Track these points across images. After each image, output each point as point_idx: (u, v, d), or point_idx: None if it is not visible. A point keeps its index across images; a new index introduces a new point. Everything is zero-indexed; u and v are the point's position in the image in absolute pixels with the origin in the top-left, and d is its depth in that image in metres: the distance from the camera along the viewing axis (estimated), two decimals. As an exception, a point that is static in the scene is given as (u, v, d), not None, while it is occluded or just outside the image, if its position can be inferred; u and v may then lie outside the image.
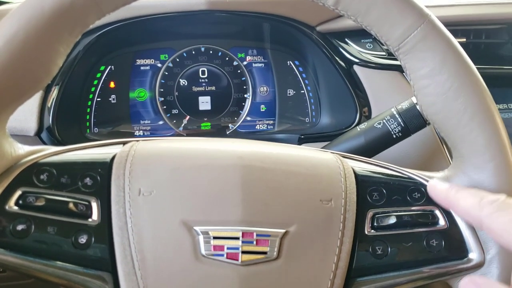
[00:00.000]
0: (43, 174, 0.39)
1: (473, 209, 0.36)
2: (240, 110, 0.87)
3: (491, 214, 0.35)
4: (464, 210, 0.38)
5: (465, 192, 0.38)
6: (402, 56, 0.41)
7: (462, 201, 0.38)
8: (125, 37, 0.81)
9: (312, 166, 0.42)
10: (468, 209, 0.37)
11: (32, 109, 0.72)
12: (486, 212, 0.35)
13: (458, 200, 0.38)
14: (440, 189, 0.41)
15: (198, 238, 0.37)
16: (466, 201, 0.37)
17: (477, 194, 0.37)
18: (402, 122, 0.60)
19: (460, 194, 0.38)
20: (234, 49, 0.86)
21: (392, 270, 0.40)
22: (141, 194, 0.38)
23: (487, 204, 0.35)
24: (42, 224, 0.37)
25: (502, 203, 0.35)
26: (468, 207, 0.37)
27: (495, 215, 0.34)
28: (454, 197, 0.39)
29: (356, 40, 0.80)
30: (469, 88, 0.40)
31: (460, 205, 0.38)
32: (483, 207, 0.36)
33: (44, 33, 0.36)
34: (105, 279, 0.37)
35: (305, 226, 0.39)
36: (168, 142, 0.43)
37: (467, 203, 0.37)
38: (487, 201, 0.36)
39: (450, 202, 0.39)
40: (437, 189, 0.41)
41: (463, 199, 0.38)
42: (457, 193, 0.39)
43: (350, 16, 0.41)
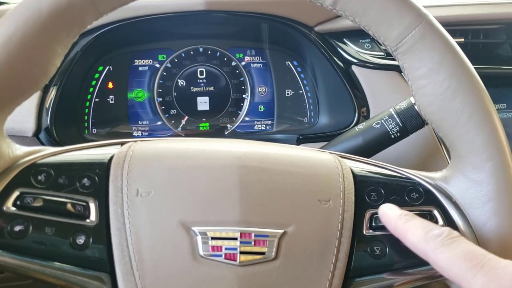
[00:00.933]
0: (41, 174, 0.39)
1: (419, 243, 0.36)
2: (239, 110, 0.87)
3: (435, 249, 0.35)
4: (411, 243, 0.37)
5: (413, 223, 0.38)
6: (400, 56, 0.41)
7: (409, 234, 0.37)
8: (123, 38, 0.81)
9: (310, 167, 0.42)
10: (415, 242, 0.37)
11: (30, 110, 0.72)
12: (431, 247, 0.35)
13: (406, 232, 0.38)
14: (390, 217, 0.39)
15: (196, 238, 0.37)
16: (413, 234, 0.37)
17: (424, 226, 0.37)
18: (400, 122, 0.60)
19: (408, 225, 0.38)
20: (233, 49, 0.86)
21: (390, 270, 0.40)
22: (139, 194, 0.38)
23: (432, 238, 0.36)
24: (40, 225, 0.37)
25: (445, 238, 0.35)
26: (415, 240, 0.37)
27: (439, 251, 0.35)
28: (402, 227, 0.38)
29: (354, 40, 0.80)
30: (467, 88, 0.40)
31: (408, 237, 0.38)
32: (428, 241, 0.36)
33: (42, 33, 0.36)
34: (103, 279, 0.37)
35: (303, 226, 0.39)
36: (166, 142, 0.43)
37: (414, 236, 0.37)
38: (432, 235, 0.36)
39: (399, 233, 0.39)
40: (388, 217, 0.40)
41: (410, 231, 0.37)
42: (405, 224, 0.38)
43: (348, 16, 0.41)
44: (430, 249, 0.35)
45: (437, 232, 0.36)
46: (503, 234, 0.40)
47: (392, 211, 0.40)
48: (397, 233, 0.39)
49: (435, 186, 0.43)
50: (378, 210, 0.41)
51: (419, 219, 0.38)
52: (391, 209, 0.40)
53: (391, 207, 0.40)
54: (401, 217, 0.39)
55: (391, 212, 0.40)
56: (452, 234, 0.36)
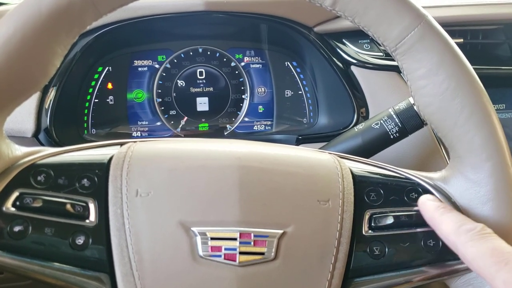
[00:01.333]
0: (41, 175, 0.39)
1: (451, 235, 0.38)
2: (238, 111, 0.87)
3: (465, 243, 0.36)
4: (444, 234, 0.39)
5: (448, 216, 0.39)
6: (399, 57, 0.41)
7: (443, 225, 0.38)
8: (123, 38, 0.81)
9: (309, 167, 0.42)
10: (447, 234, 0.38)
11: (30, 110, 0.72)
12: (461, 240, 0.36)
13: (441, 224, 0.39)
14: (428, 207, 0.40)
15: (195, 239, 0.37)
16: (446, 225, 0.38)
17: (458, 219, 0.38)
18: (399, 122, 0.60)
19: (443, 217, 0.39)
20: (232, 50, 0.86)
21: (389, 270, 0.40)
22: (139, 195, 0.38)
23: (463, 232, 0.37)
24: (40, 225, 0.37)
25: (477, 233, 0.36)
26: (447, 232, 0.38)
27: (469, 245, 0.36)
28: (438, 219, 0.39)
29: (353, 41, 0.80)
30: (466, 89, 0.40)
31: (442, 228, 0.39)
32: (459, 235, 0.37)
33: (41, 34, 0.36)
34: (103, 280, 0.37)
35: (303, 226, 0.39)
36: (165, 143, 0.43)
37: (447, 228, 0.38)
38: (464, 229, 0.37)
39: (434, 223, 0.40)
40: (426, 207, 0.41)
41: (445, 223, 0.38)
42: (441, 216, 0.39)
43: (347, 17, 0.41)
44: (460, 242, 0.36)
45: (470, 227, 0.37)
46: (502, 235, 0.40)
47: (431, 202, 0.41)
48: (432, 223, 0.40)
49: (434, 187, 0.43)
50: (418, 200, 0.42)
51: (456, 212, 0.39)
52: (431, 200, 0.41)
53: (431, 198, 0.41)
54: (439, 208, 0.40)
55: (429, 203, 0.41)
56: (484, 230, 0.36)
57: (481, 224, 0.37)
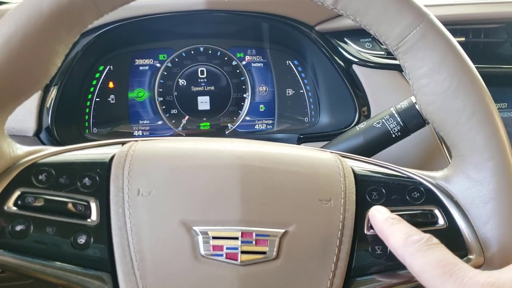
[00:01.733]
0: (42, 174, 0.39)
1: (398, 247, 0.37)
2: (239, 110, 0.87)
3: (412, 255, 0.36)
4: (392, 247, 0.38)
5: (396, 227, 0.38)
6: (401, 55, 0.41)
7: (391, 237, 0.38)
8: (124, 37, 0.81)
9: (311, 166, 0.42)
10: (395, 246, 0.38)
11: (31, 110, 0.72)
12: (408, 252, 0.36)
13: (389, 236, 0.38)
14: (377, 219, 0.40)
15: (197, 238, 0.37)
16: (394, 238, 0.38)
17: (405, 231, 0.37)
18: (401, 121, 0.60)
19: (392, 229, 0.38)
20: (233, 49, 0.86)
21: (391, 269, 0.40)
22: (140, 194, 0.38)
23: (410, 244, 0.36)
24: (41, 225, 0.37)
25: (423, 244, 0.36)
26: (395, 244, 0.37)
27: (415, 256, 0.35)
28: (387, 230, 0.39)
29: (355, 40, 0.80)
30: (468, 87, 0.40)
31: (390, 241, 0.38)
32: (407, 246, 0.36)
33: (42, 33, 0.36)
34: (104, 279, 0.37)
35: (304, 226, 0.39)
36: (167, 142, 0.43)
37: (395, 240, 0.37)
38: (411, 241, 0.36)
39: (383, 235, 0.39)
40: (375, 219, 0.40)
41: (392, 235, 0.38)
42: (390, 227, 0.38)
43: (349, 15, 0.41)
44: (407, 253, 0.36)
45: (416, 238, 0.36)
46: (504, 234, 0.40)
47: (380, 213, 0.40)
48: (382, 235, 0.39)
49: (436, 186, 0.43)
50: (369, 212, 0.41)
51: (404, 224, 0.39)
52: (380, 211, 0.40)
53: (380, 209, 0.41)
54: (388, 220, 0.39)
55: (379, 215, 0.40)
56: (431, 241, 0.36)
57: (428, 234, 0.37)
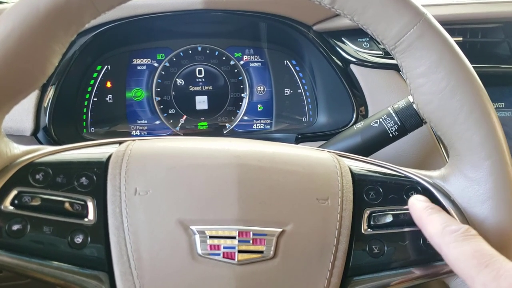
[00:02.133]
0: (39, 173, 0.39)
1: (436, 236, 0.37)
2: (237, 109, 0.86)
3: (448, 244, 0.36)
4: (429, 235, 0.38)
5: (435, 217, 0.39)
6: (398, 55, 0.41)
7: (429, 226, 0.38)
8: (122, 37, 0.81)
9: (308, 165, 0.42)
10: (432, 235, 0.38)
11: (28, 109, 0.72)
12: (445, 241, 0.36)
13: (427, 224, 0.39)
14: (417, 207, 0.40)
15: (194, 237, 0.37)
16: (432, 226, 0.38)
17: (444, 221, 0.38)
18: (398, 121, 0.60)
19: (430, 218, 0.39)
20: (231, 48, 0.86)
21: (389, 269, 0.40)
22: (137, 193, 0.38)
23: (448, 233, 0.37)
24: (38, 224, 0.37)
25: (460, 234, 0.36)
26: (433, 233, 0.38)
27: (452, 246, 0.36)
28: (425, 219, 0.39)
29: (352, 39, 0.80)
30: (466, 87, 0.40)
31: (427, 229, 0.39)
32: (444, 235, 0.37)
33: (39, 32, 0.36)
34: (101, 279, 0.37)
35: (302, 225, 0.39)
36: (164, 141, 0.43)
37: (433, 229, 0.38)
38: (449, 230, 0.37)
39: (421, 224, 0.40)
40: (414, 207, 0.41)
41: (431, 224, 0.38)
42: (428, 216, 0.39)
43: (347, 15, 0.41)
44: (444, 243, 0.36)
45: (454, 228, 0.37)
46: (501, 233, 0.40)
47: (420, 202, 0.41)
48: (419, 224, 0.40)
49: (433, 185, 0.43)
50: (408, 200, 0.41)
51: (443, 213, 0.39)
52: (420, 200, 0.41)
53: (421, 198, 0.41)
54: (427, 209, 0.40)
55: (418, 204, 0.41)
56: (469, 232, 0.36)
57: (466, 225, 0.37)
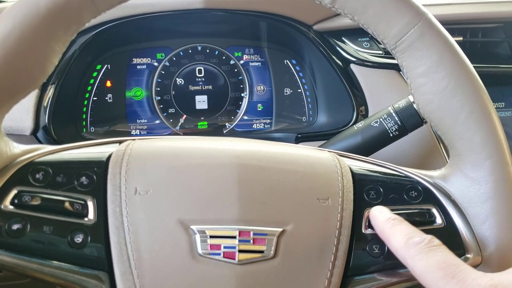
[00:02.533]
0: (39, 173, 0.39)
1: (400, 249, 0.37)
2: (237, 109, 0.86)
3: (413, 257, 0.35)
4: (393, 248, 0.38)
5: (397, 229, 0.38)
6: (399, 55, 0.41)
7: (392, 239, 0.38)
8: (122, 36, 0.81)
9: (309, 165, 0.42)
10: (396, 248, 0.37)
11: (28, 108, 0.72)
12: (410, 254, 0.36)
13: (390, 237, 0.38)
14: (379, 220, 0.40)
15: (194, 237, 0.37)
16: (395, 239, 0.37)
17: (407, 232, 0.37)
18: (399, 120, 0.60)
19: (393, 230, 0.38)
20: (231, 48, 0.86)
21: (389, 268, 0.40)
22: (138, 193, 0.38)
23: (412, 246, 0.36)
24: (38, 224, 0.37)
25: (424, 246, 0.35)
26: (397, 246, 0.37)
27: (417, 258, 0.35)
28: (388, 232, 0.38)
29: (353, 39, 0.80)
30: (466, 87, 0.40)
31: (391, 242, 0.38)
32: (408, 248, 0.36)
33: (39, 31, 0.36)
34: (102, 278, 0.37)
35: (302, 224, 0.39)
36: (164, 141, 0.43)
37: (396, 242, 0.37)
38: (412, 242, 0.36)
39: (384, 237, 0.39)
40: (376, 220, 0.40)
41: (394, 237, 0.38)
42: (390, 229, 0.38)
43: (347, 14, 0.41)
44: (408, 256, 0.36)
45: (418, 240, 0.36)
46: (501, 233, 0.40)
47: (382, 214, 0.40)
48: (383, 237, 0.39)
49: (434, 185, 0.43)
50: (369, 212, 0.41)
51: (405, 224, 0.38)
52: (381, 212, 0.40)
53: (382, 209, 0.40)
54: (389, 221, 0.39)
55: (380, 215, 0.40)
56: (432, 242, 0.36)
57: (429, 236, 0.36)
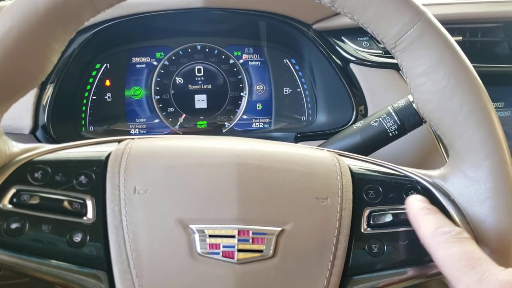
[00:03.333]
0: (38, 172, 0.39)
1: (427, 236, 0.37)
2: (236, 108, 0.86)
3: (438, 245, 0.36)
4: (422, 235, 0.38)
5: (430, 218, 0.38)
6: (398, 54, 0.41)
7: (423, 226, 0.38)
8: (121, 35, 0.81)
9: (308, 164, 0.42)
10: (425, 235, 0.38)
11: (27, 107, 0.71)
12: (436, 242, 0.36)
13: (421, 224, 0.39)
14: (414, 207, 0.40)
15: (193, 236, 0.37)
16: (425, 227, 0.38)
17: (438, 222, 0.38)
18: (398, 120, 0.60)
19: (425, 219, 0.38)
20: (230, 47, 0.86)
21: (388, 268, 0.40)
22: (137, 192, 0.38)
23: (439, 234, 0.37)
24: (37, 223, 0.37)
25: (452, 236, 0.36)
26: (425, 233, 0.38)
27: (441, 247, 0.36)
28: (420, 219, 0.39)
29: (352, 38, 0.80)
30: (466, 86, 0.40)
31: (421, 229, 0.38)
32: (435, 236, 0.37)
33: (38, 30, 0.36)
34: (100, 277, 0.37)
35: (301, 224, 0.39)
36: (163, 140, 0.43)
37: (426, 229, 0.38)
38: (441, 231, 0.37)
39: (415, 224, 0.39)
40: (411, 206, 0.40)
41: (424, 224, 0.38)
42: (423, 217, 0.39)
43: (347, 14, 0.41)
44: (434, 243, 0.36)
45: (446, 229, 0.37)
46: (501, 232, 0.40)
47: (418, 202, 0.40)
48: (414, 223, 0.40)
49: (433, 184, 0.43)
50: (406, 199, 0.41)
51: (439, 215, 0.39)
52: (418, 200, 0.41)
53: (419, 198, 0.41)
54: (424, 209, 0.39)
55: (415, 203, 0.40)
56: (461, 234, 0.36)
57: (459, 228, 0.37)
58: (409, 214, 0.40)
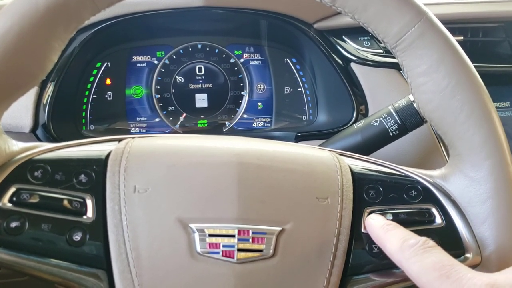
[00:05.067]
0: (38, 170, 0.39)
1: (395, 252, 0.37)
2: (237, 107, 0.86)
3: (408, 259, 0.35)
4: (389, 253, 0.38)
5: (392, 234, 0.38)
6: (399, 54, 0.41)
7: (388, 243, 0.38)
8: (121, 34, 0.81)
9: (308, 164, 0.42)
10: (392, 252, 0.37)
11: (27, 106, 0.71)
12: (405, 256, 0.36)
13: (386, 242, 0.38)
14: (374, 227, 0.40)
15: (193, 235, 0.37)
16: (391, 244, 0.37)
17: (401, 236, 0.37)
18: (399, 120, 0.60)
19: (388, 236, 0.38)
20: (231, 46, 0.86)
21: (388, 268, 0.40)
22: (137, 191, 0.38)
23: (406, 248, 0.36)
24: (36, 221, 0.37)
25: (419, 247, 0.35)
26: (392, 250, 0.37)
27: (412, 260, 0.35)
28: (383, 237, 0.38)
29: (353, 38, 0.80)
30: (466, 86, 0.40)
31: (387, 247, 0.38)
32: (403, 251, 0.36)
33: (39, 28, 0.36)
34: (100, 276, 0.37)
35: (301, 223, 0.39)
36: (164, 139, 0.43)
37: (391, 246, 0.37)
38: (407, 245, 0.36)
39: (380, 242, 0.39)
40: (371, 227, 0.40)
41: (389, 241, 0.38)
42: (386, 233, 0.38)
43: (347, 13, 0.41)
44: (404, 258, 0.36)
45: (412, 242, 0.36)
46: (501, 233, 0.40)
47: (376, 221, 0.40)
48: (379, 242, 0.39)
49: (433, 184, 0.43)
50: (365, 221, 0.41)
51: (400, 229, 0.38)
52: (375, 219, 0.40)
53: (376, 217, 0.40)
54: (384, 226, 0.39)
55: (374, 222, 0.40)
56: (427, 244, 0.36)
57: (424, 238, 0.36)
58: (371, 234, 0.40)
